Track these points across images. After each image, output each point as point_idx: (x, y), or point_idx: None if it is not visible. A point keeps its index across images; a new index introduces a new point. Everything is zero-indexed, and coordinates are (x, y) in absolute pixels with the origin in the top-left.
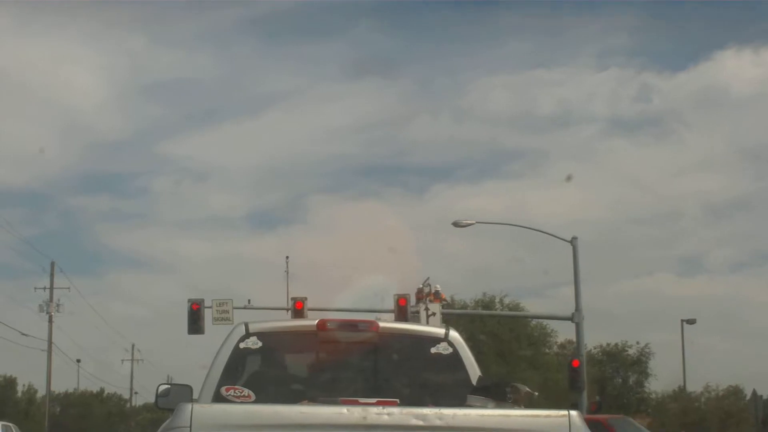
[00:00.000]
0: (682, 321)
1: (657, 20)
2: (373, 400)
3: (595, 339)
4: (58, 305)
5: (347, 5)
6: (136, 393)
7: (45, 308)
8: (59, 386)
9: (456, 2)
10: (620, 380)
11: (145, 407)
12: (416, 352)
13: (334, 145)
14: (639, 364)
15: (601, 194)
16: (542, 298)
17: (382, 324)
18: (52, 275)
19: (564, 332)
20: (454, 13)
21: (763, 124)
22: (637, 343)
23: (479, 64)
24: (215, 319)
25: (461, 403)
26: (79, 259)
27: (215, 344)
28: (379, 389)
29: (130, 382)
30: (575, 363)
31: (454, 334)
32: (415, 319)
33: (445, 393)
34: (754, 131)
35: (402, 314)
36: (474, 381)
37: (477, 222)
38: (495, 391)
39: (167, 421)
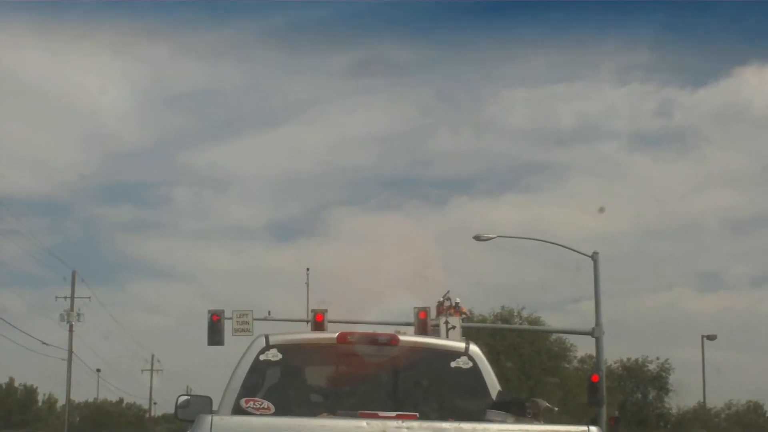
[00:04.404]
0: (703, 337)
1: (678, 36)
2: (393, 414)
3: (614, 354)
4: (78, 315)
5: (367, 17)
6: (155, 403)
7: (66, 317)
8: (79, 396)
9: (476, 15)
10: (640, 395)
11: (164, 418)
12: (436, 366)
13: (354, 156)
14: (659, 379)
15: (622, 209)
16: (562, 313)
17: (402, 337)
18: (73, 284)
19: (584, 347)
20: (474, 27)
21: None
22: (657, 358)
23: (500, 78)
24: (235, 331)
25: (481, 417)
26: (99, 268)
27: (235, 355)
28: (399, 403)
29: (150, 392)
30: (595, 378)
31: (474, 349)
32: (436, 332)
33: (465, 407)
34: None
35: (422, 328)
36: (494, 395)
37: (498, 236)
38: (514, 406)
39: None
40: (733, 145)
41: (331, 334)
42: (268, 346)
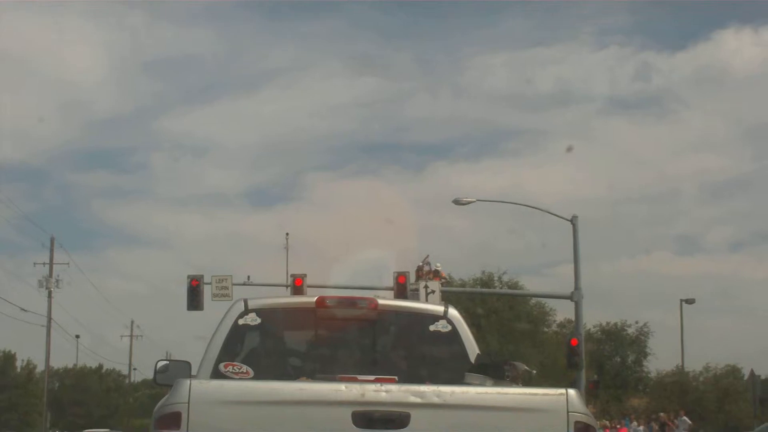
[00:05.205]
0: (681, 301)
1: None
2: (372, 378)
3: (593, 318)
4: (57, 281)
5: None
6: (134, 369)
7: (44, 284)
8: (58, 362)
9: None
10: (619, 359)
11: (144, 383)
12: (415, 330)
13: (332, 122)
14: (637, 343)
15: (600, 173)
16: (541, 277)
17: (381, 301)
18: (51, 251)
19: (563, 311)
20: None
21: (762, 103)
22: (636, 322)
23: (478, 42)
24: (214, 296)
25: (459, 380)
26: (77, 234)
27: (214, 320)
28: (378, 366)
29: (129, 358)
30: (574, 342)
31: (453, 312)
32: (415, 296)
33: (444, 370)
34: (753, 111)
35: (401, 292)
36: (472, 358)
37: (477, 200)
38: (493, 369)
39: (166, 396)
40: (712, 108)
41: (309, 298)
42: (246, 311)
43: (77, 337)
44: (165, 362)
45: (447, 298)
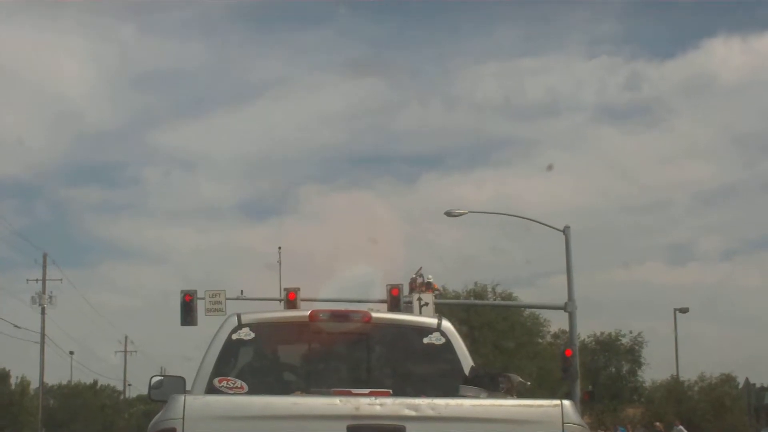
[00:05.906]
0: (675, 310)
1: (646, 8)
2: (366, 391)
3: (587, 328)
4: (50, 297)
5: None
6: (129, 385)
7: (37, 300)
8: (52, 378)
9: None
10: (613, 369)
11: (139, 399)
12: (409, 343)
13: (324, 134)
14: (632, 352)
15: (591, 182)
16: (534, 288)
17: (374, 314)
18: (44, 267)
19: (557, 322)
20: (443, 0)
21: (751, 111)
22: (630, 332)
23: (469, 52)
24: (208, 310)
25: (454, 392)
26: (70, 250)
27: (208, 335)
28: (372, 380)
29: (124, 373)
30: (568, 352)
31: (446, 325)
32: (408, 309)
33: (438, 383)
34: (742, 119)
35: (395, 304)
36: (466, 371)
37: (469, 211)
38: (487, 381)
39: (160, 412)
40: (702, 116)
41: (303, 312)
42: (240, 325)
43: (71, 353)
44: (159, 378)
45: (440, 310)
